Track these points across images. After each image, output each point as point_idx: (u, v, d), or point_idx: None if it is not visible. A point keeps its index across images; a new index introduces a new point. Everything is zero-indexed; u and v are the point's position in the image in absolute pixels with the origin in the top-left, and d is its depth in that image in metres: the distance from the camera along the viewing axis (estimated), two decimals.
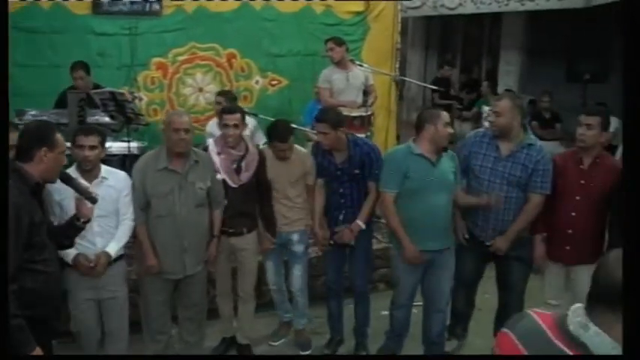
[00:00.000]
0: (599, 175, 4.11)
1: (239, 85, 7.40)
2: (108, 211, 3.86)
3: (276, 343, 4.93)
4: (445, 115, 4.11)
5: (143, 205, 4.03)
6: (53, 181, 3.27)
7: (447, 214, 4.25)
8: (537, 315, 1.74)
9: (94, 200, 3.42)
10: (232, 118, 4.29)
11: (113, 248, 3.87)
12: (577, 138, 4.16)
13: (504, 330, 1.79)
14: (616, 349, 1.55)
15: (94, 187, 3.70)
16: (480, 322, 4.89)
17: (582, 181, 4.15)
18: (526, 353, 1.67)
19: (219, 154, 4.32)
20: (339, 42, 6.53)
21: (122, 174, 4.05)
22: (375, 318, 4.88)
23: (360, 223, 4.41)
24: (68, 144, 3.91)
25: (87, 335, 4.00)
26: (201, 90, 7.23)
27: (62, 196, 3.67)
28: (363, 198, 4.49)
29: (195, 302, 4.32)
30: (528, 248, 4.39)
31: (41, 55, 6.61)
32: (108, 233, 3.88)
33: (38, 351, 2.85)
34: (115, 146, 5.40)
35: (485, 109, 8.70)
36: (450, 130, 4.13)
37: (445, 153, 4.19)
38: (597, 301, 1.65)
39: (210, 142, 4.49)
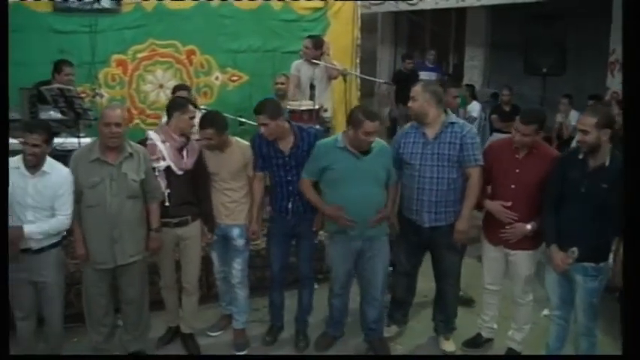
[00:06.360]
0: (534, 164, 4.20)
1: (199, 81, 7.56)
2: (43, 204, 3.94)
3: (214, 334, 5.00)
4: (369, 125, 4.10)
5: (75, 196, 4.10)
6: None
7: (376, 205, 4.36)
8: None
9: None
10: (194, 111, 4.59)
11: (29, 228, 3.90)
12: (515, 140, 4.22)
13: None
14: None
15: (34, 180, 3.89)
16: (426, 308, 5.05)
17: (517, 170, 4.25)
18: None
19: (163, 142, 4.41)
20: (317, 45, 6.75)
21: (65, 170, 4.09)
22: (324, 307, 4.97)
23: None
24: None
25: (21, 317, 4.12)
26: (161, 86, 7.36)
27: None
28: None
29: (132, 298, 4.41)
30: None
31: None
32: (42, 223, 3.97)
33: None
34: (67, 142, 5.46)
35: None
36: (370, 139, 4.17)
37: (381, 148, 4.31)
38: None
39: (150, 133, 4.55)
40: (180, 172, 4.41)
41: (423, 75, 10.80)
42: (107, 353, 4.47)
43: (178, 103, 4.58)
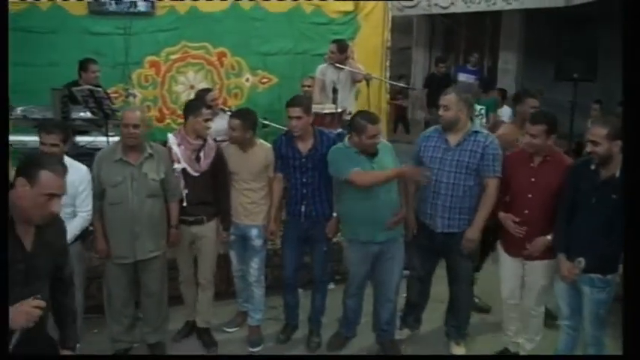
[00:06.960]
0: (548, 173, 4.19)
1: (230, 82, 7.71)
2: (64, 202, 3.98)
3: (229, 330, 5.15)
4: (372, 128, 4.22)
5: (98, 193, 4.29)
6: None
7: (392, 205, 4.43)
8: None
9: None
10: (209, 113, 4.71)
11: None
12: (526, 143, 4.27)
13: None
14: None
15: None
16: (440, 312, 5.05)
17: (533, 179, 4.24)
18: None
19: (179, 145, 4.57)
20: (342, 49, 6.81)
21: (83, 169, 4.27)
22: (339, 307, 5.04)
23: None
24: None
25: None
26: (192, 87, 7.49)
27: None
28: (325, 190, 4.69)
29: (152, 292, 4.58)
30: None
31: (39, 53, 6.93)
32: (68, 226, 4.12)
33: None
34: (97, 140, 5.67)
35: (477, 107, 8.81)
36: (375, 141, 4.29)
37: (383, 146, 4.40)
38: None
39: (169, 136, 4.71)
40: (195, 174, 4.56)
41: (462, 77, 10.78)
42: (127, 344, 4.64)
43: (192, 106, 4.70)
